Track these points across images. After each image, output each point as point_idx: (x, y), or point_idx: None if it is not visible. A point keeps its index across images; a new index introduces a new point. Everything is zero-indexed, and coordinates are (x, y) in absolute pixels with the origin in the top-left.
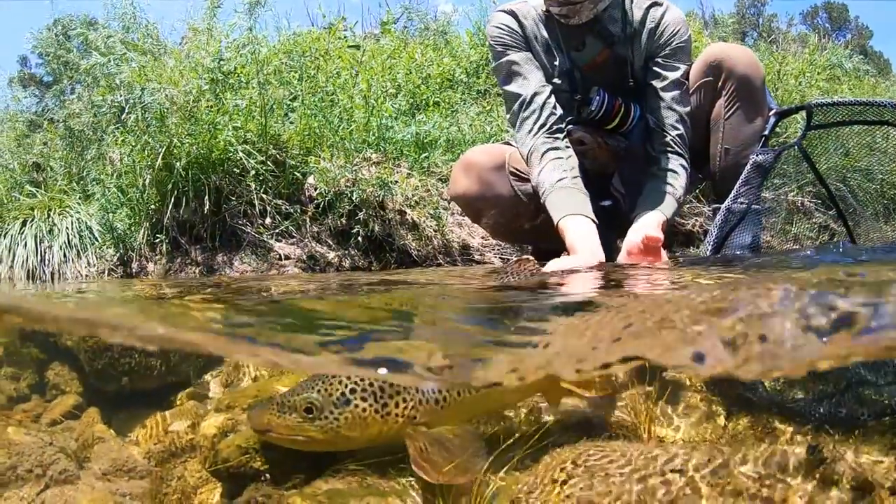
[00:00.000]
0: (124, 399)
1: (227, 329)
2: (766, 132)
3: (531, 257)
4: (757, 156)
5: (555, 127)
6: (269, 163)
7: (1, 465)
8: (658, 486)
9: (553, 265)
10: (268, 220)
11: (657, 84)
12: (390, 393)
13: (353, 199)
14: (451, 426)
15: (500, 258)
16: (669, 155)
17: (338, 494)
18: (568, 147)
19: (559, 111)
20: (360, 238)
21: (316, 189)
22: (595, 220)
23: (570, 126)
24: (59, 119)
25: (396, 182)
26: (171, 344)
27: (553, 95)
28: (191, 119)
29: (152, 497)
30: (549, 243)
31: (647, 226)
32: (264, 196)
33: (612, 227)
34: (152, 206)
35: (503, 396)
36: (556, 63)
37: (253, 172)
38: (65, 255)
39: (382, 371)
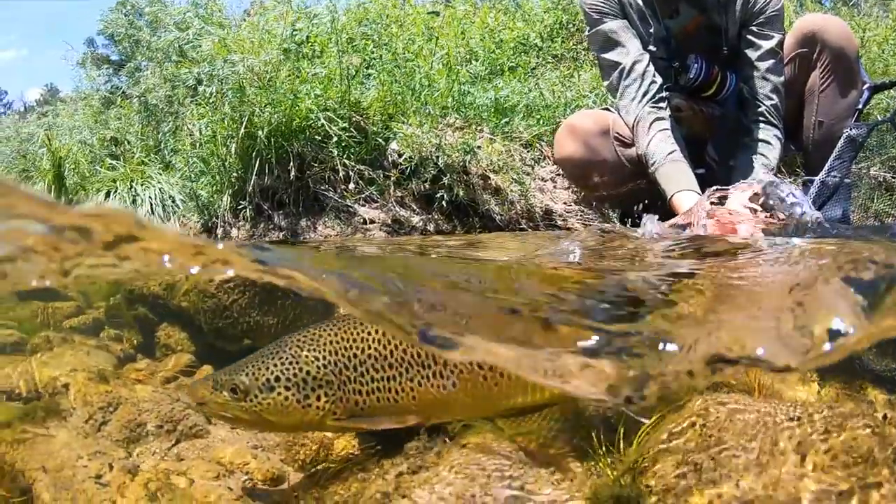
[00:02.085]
0: (238, 357)
1: None
2: (860, 106)
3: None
4: (851, 130)
5: (657, 96)
6: (351, 129)
7: (130, 422)
8: (782, 429)
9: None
10: (351, 186)
11: (751, 53)
12: (313, 386)
13: (439, 163)
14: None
15: (581, 223)
16: (763, 125)
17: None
18: (670, 117)
19: (659, 79)
20: (444, 203)
21: (400, 155)
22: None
23: (666, 93)
24: (135, 95)
25: (480, 147)
26: None
27: (651, 63)
28: (269, 88)
29: (287, 449)
30: (639, 208)
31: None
32: (347, 162)
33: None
34: (234, 174)
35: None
36: (651, 30)
37: (335, 139)
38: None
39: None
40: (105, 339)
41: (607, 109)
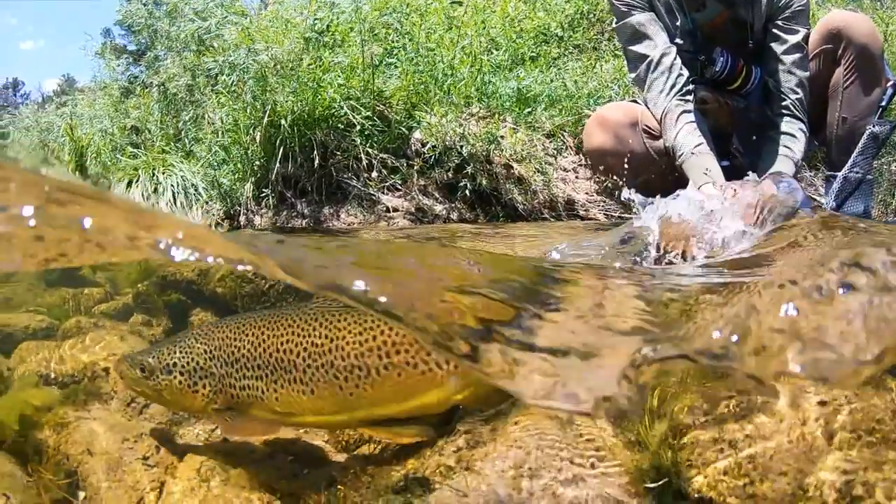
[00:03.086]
0: None
1: None
2: (884, 103)
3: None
4: (874, 127)
5: (684, 89)
6: (374, 118)
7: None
8: (811, 410)
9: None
10: (374, 174)
11: (777, 47)
12: (200, 375)
13: (462, 153)
14: None
15: (604, 214)
16: (788, 118)
17: None
18: (696, 109)
19: (686, 72)
20: (467, 192)
21: (423, 144)
22: None
23: (692, 86)
24: (155, 84)
25: (503, 137)
26: None
27: (678, 56)
28: (292, 77)
29: (330, 431)
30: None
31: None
32: (370, 150)
33: None
34: (257, 163)
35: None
36: (678, 23)
37: (358, 127)
38: (171, 212)
39: None
40: (136, 324)
41: (635, 101)
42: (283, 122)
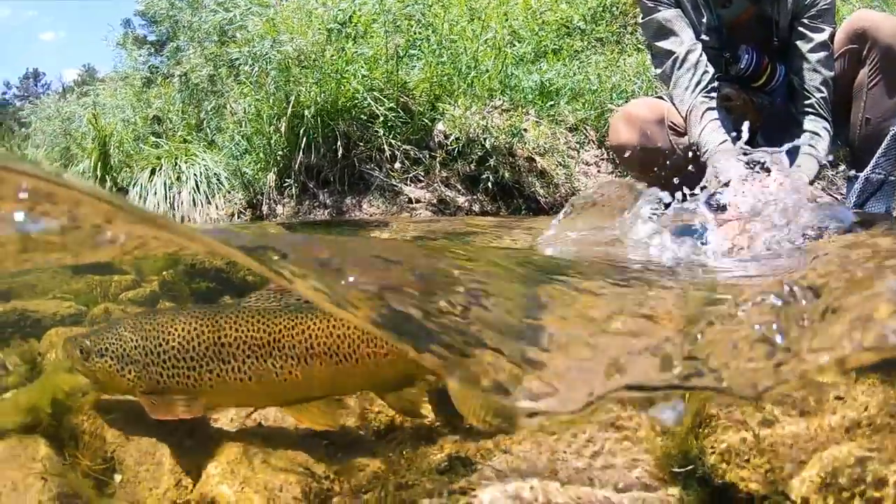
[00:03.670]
0: None
1: None
2: None
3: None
4: None
5: (710, 86)
6: (398, 109)
7: None
8: (829, 405)
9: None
10: (397, 165)
11: (802, 45)
12: (127, 361)
13: (485, 145)
14: None
15: None
16: (813, 117)
17: None
18: (723, 106)
19: (711, 69)
20: (489, 184)
21: (447, 136)
22: None
23: (717, 82)
24: (177, 74)
25: (526, 130)
26: None
27: (704, 53)
28: (315, 67)
29: (362, 417)
30: None
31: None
32: (393, 141)
33: None
34: (280, 153)
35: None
36: (704, 20)
37: (381, 119)
38: (193, 201)
39: None
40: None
41: (660, 98)
42: (306, 112)
